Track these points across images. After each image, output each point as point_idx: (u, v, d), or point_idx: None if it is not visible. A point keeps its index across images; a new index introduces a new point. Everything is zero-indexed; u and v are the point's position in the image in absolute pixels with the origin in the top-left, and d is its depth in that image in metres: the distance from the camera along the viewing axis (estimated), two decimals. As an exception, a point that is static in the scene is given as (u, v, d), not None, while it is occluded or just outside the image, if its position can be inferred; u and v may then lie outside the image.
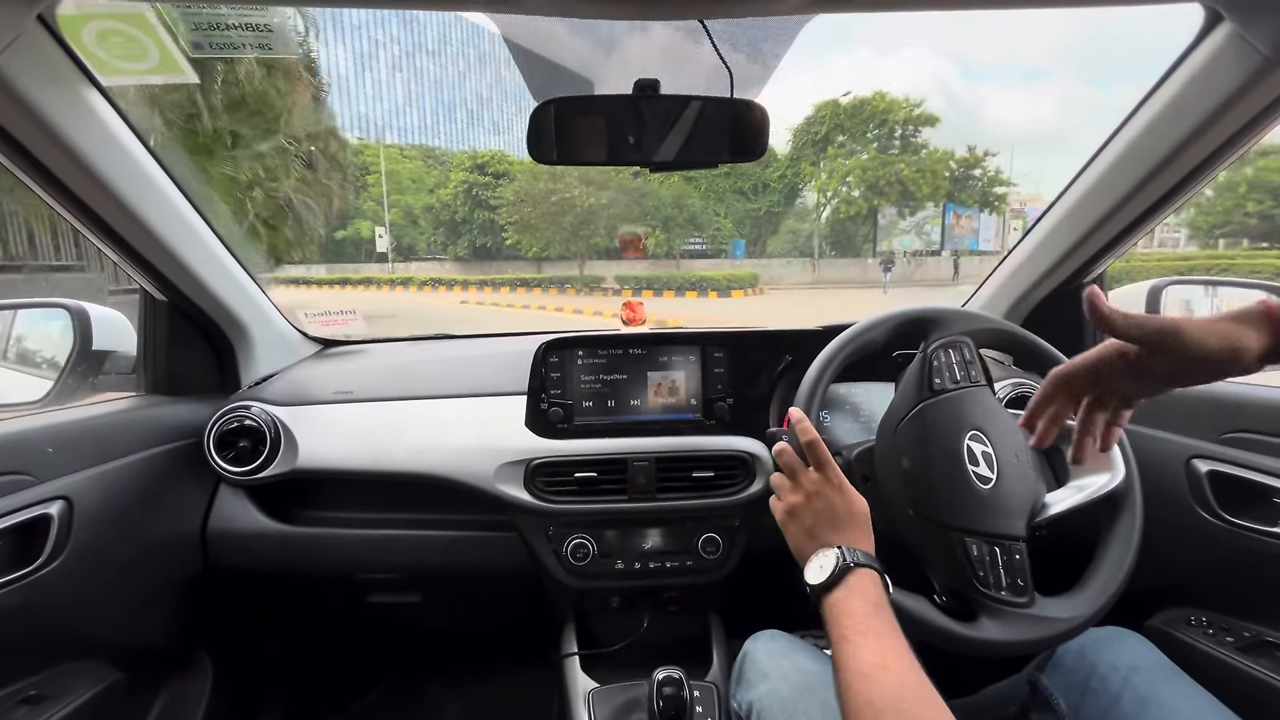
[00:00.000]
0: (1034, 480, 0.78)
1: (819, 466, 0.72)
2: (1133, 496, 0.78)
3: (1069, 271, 1.18)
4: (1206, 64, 0.81)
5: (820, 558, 0.67)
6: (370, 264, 29.72)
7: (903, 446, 0.78)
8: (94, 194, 0.88)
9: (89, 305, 1.17)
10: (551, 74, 1.07)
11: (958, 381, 0.79)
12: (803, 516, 0.71)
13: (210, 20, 0.84)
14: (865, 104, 24.54)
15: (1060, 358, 0.85)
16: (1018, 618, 0.69)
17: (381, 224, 29.66)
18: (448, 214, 26.76)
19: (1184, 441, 0.98)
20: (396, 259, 30.22)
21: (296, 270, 28.43)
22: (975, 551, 0.71)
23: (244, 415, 1.11)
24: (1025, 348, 0.88)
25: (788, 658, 0.83)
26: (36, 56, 0.73)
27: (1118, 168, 0.99)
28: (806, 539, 0.70)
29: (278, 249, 11.05)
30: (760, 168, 24.71)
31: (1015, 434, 0.79)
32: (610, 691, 1.09)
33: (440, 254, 28.88)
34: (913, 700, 0.53)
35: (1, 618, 0.79)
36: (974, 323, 0.85)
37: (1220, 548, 0.93)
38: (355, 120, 62.16)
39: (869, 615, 0.61)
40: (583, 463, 1.12)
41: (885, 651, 0.57)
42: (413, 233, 30.60)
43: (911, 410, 0.79)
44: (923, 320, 0.85)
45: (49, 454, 0.88)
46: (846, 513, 0.70)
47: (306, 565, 1.19)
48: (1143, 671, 0.72)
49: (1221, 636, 0.94)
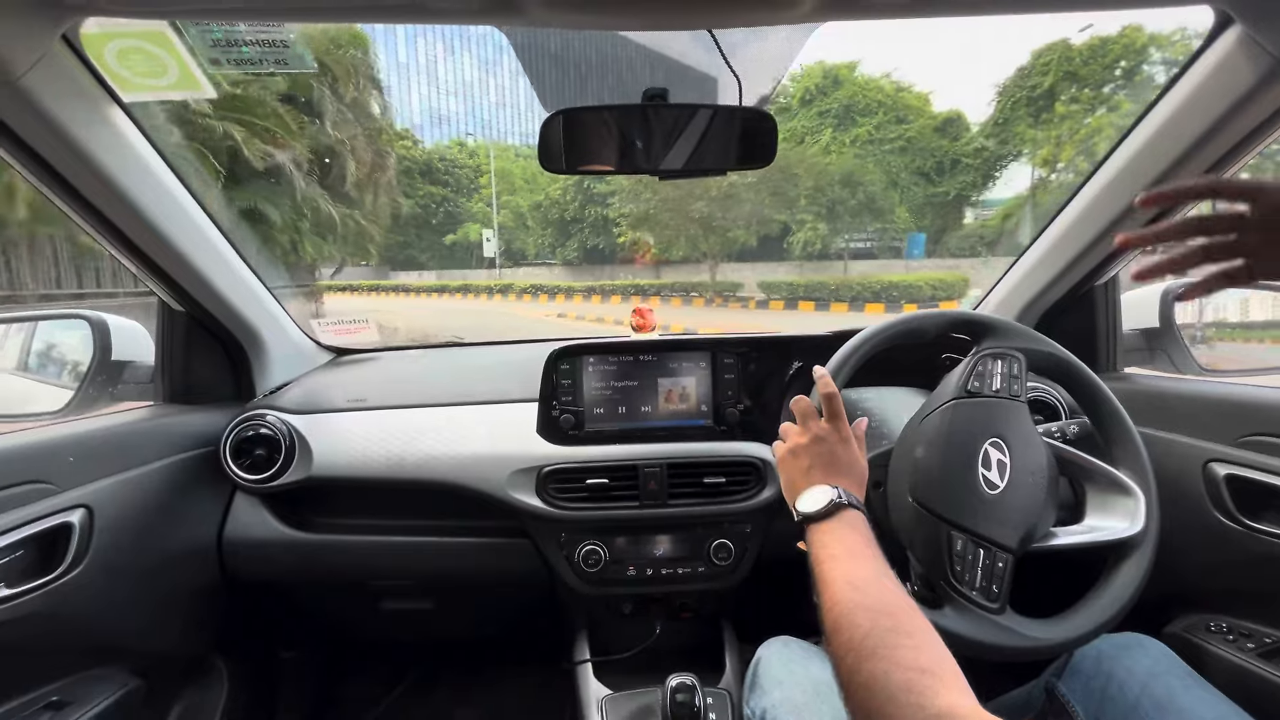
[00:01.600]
0: (1042, 503, 0.75)
1: (831, 418, 0.73)
2: (1144, 550, 0.75)
3: (1081, 275, 1.17)
4: (1217, 66, 0.80)
5: (814, 492, 0.68)
6: (479, 270, 27.01)
7: (922, 437, 0.79)
8: (115, 207, 0.90)
9: (108, 316, 1.20)
10: (562, 84, 1.08)
11: (996, 391, 0.79)
12: (802, 457, 0.73)
13: (228, 38, 0.86)
14: (1109, 43, 16.17)
15: (1109, 396, 0.84)
16: (981, 619, 0.69)
17: (492, 225, 26.86)
18: (556, 212, 23.00)
19: (1200, 445, 0.97)
20: (505, 264, 27.40)
21: (402, 276, 26.72)
22: (959, 547, 0.71)
23: (259, 423, 1.12)
24: (1075, 378, 0.85)
25: (801, 664, 0.83)
26: (61, 75, 0.75)
27: (1130, 170, 0.98)
28: (801, 476, 0.72)
29: (322, 253, 11.19)
30: (948, 140, 18.31)
31: (1039, 456, 0.77)
32: (623, 698, 1.09)
33: (550, 258, 25.55)
34: (902, 613, 0.53)
35: (25, 624, 0.80)
36: (1030, 342, 0.84)
37: (1239, 552, 0.91)
38: (479, 125, 60.45)
39: (858, 542, 0.62)
40: (594, 469, 1.13)
41: (875, 571, 0.58)
42: (522, 236, 27.43)
43: (941, 406, 0.79)
44: (979, 325, 0.84)
45: (70, 463, 0.89)
46: (846, 463, 0.72)
47: (320, 572, 1.20)
48: (1161, 678, 0.72)
49: (1242, 642, 0.93)
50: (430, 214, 28.06)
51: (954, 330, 0.84)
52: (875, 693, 0.46)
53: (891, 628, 0.51)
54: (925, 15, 0.77)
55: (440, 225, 28.60)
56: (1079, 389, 0.86)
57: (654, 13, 0.71)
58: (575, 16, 0.70)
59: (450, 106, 58.11)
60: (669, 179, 0.97)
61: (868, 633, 0.51)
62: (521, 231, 27.30)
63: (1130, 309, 1.24)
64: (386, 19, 0.73)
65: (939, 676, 0.46)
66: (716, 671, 1.14)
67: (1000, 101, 17.58)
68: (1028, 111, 17.20)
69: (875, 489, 0.82)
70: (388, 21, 0.73)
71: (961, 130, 18.45)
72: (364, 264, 32.73)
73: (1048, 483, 0.76)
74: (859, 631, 0.51)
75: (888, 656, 0.48)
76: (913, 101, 19.27)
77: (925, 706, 0.43)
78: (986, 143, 18.08)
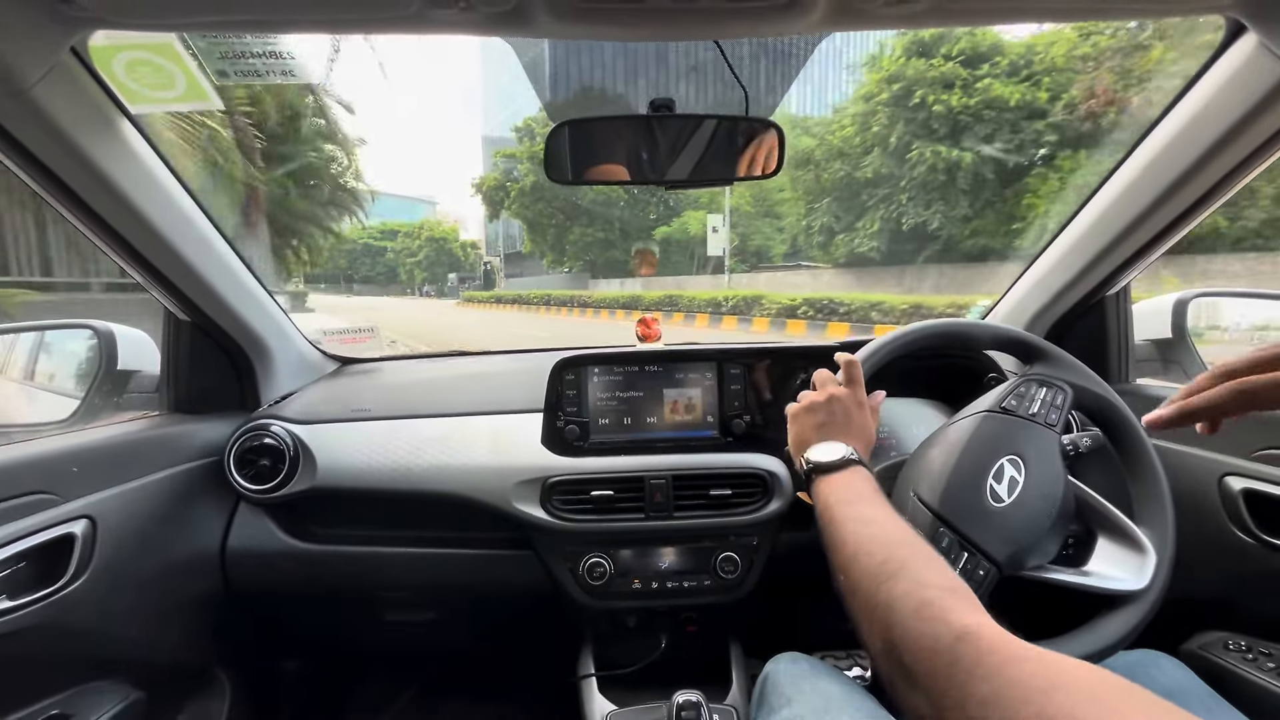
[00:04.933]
0: (1045, 531, 0.72)
1: (850, 383, 0.75)
2: (1140, 605, 0.71)
3: (1092, 285, 1.16)
4: (1230, 75, 0.80)
5: (826, 446, 0.69)
6: (699, 276, 19.57)
7: (942, 440, 0.78)
8: (122, 218, 0.90)
9: (115, 326, 1.20)
10: (569, 94, 1.09)
11: (1032, 415, 0.78)
12: (818, 412, 0.74)
13: (236, 50, 0.87)
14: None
15: (1151, 454, 0.80)
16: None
17: (719, 210, 18.29)
18: (844, 170, 16.09)
19: (1215, 458, 0.96)
20: (740, 267, 19.43)
21: (602, 285, 20.83)
22: (944, 544, 0.70)
23: (263, 434, 1.12)
24: (1122, 430, 0.82)
25: (810, 681, 0.81)
26: (70, 87, 0.75)
27: (1141, 180, 0.97)
28: (813, 430, 0.73)
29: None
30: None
31: (1057, 487, 0.74)
32: (628, 714, 1.07)
33: (819, 258, 18.02)
34: (918, 543, 0.54)
35: (27, 636, 0.80)
36: (1083, 379, 0.82)
37: (1258, 568, 0.89)
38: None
39: (867, 490, 0.63)
40: (599, 481, 1.12)
41: (887, 513, 0.59)
42: (765, 228, 19.46)
43: (970, 415, 0.79)
44: (1035, 348, 0.83)
45: (73, 473, 0.89)
46: (858, 426, 0.73)
47: (324, 583, 1.19)
48: (1180, 697, 0.70)
49: (1262, 661, 0.91)
50: (640, 201, 21.27)
51: (1005, 348, 0.83)
52: (897, 610, 0.46)
53: (909, 554, 0.51)
54: (931, 26, 0.76)
55: (652, 216, 21.98)
56: (1120, 438, 0.83)
57: (661, 24, 0.71)
58: (583, 27, 0.70)
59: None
60: (675, 189, 0.97)
61: (885, 559, 0.51)
62: (764, 222, 19.76)
63: (1142, 319, 1.23)
64: (394, 30, 0.73)
65: (960, 595, 0.46)
66: (723, 687, 1.13)
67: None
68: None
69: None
70: (395, 32, 0.73)
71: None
72: (564, 270, 29.20)
73: (1057, 514, 0.73)
74: (876, 559, 0.52)
75: (909, 577, 0.48)
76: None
77: (951, 622, 0.43)
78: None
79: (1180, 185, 0.92)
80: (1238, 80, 0.79)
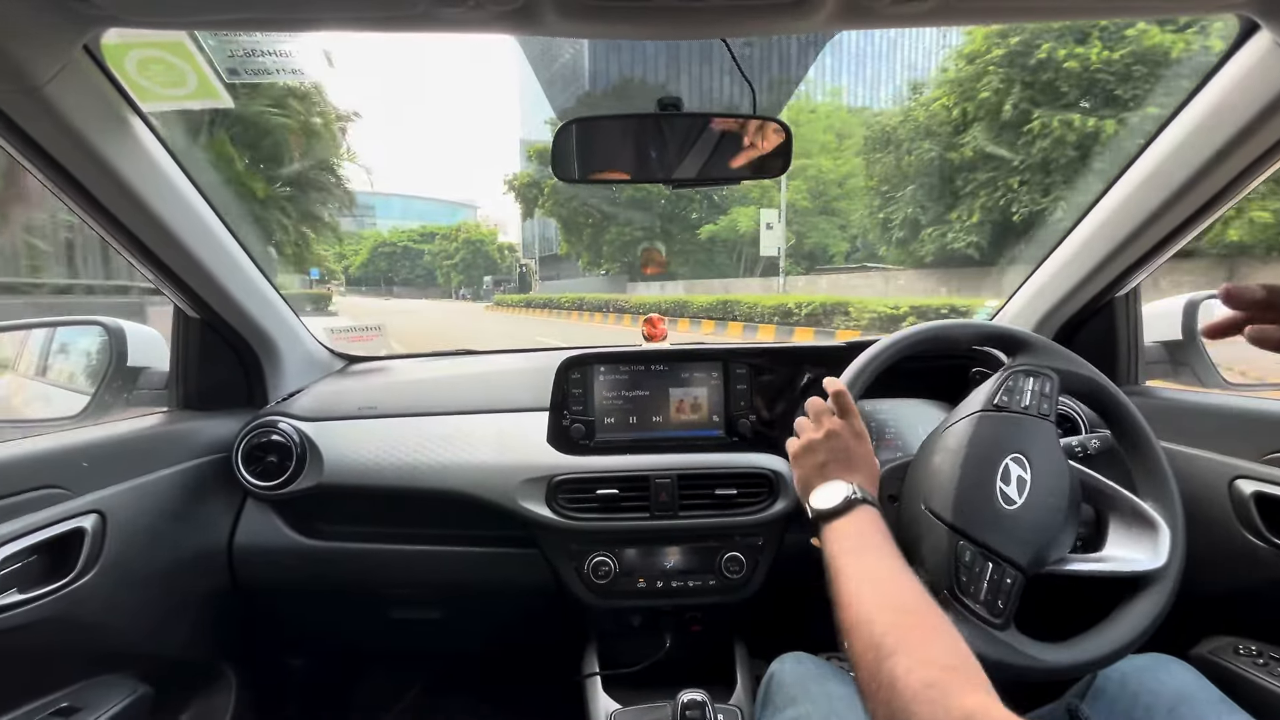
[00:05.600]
0: (1060, 525, 0.72)
1: (843, 414, 0.74)
2: (1163, 584, 0.72)
3: (1101, 285, 1.15)
4: (1243, 73, 0.79)
5: (828, 488, 0.68)
6: (750, 279, 17.60)
7: (942, 446, 0.77)
8: (133, 216, 0.91)
9: (125, 323, 1.21)
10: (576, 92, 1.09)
11: (1025, 408, 0.77)
12: (817, 452, 0.73)
13: (246, 48, 0.87)
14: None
15: (1144, 426, 0.81)
16: (979, 631, 0.66)
17: (773, 205, 15.99)
18: (933, 151, 13.75)
19: (1225, 461, 0.95)
20: (795, 269, 16.83)
21: (641, 289, 17.49)
22: (968, 558, 0.68)
23: (271, 430, 1.12)
24: (1109, 405, 0.82)
25: (815, 681, 0.81)
26: (82, 85, 0.76)
27: (1152, 180, 0.96)
28: (815, 472, 0.72)
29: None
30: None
31: (1061, 478, 0.74)
32: (632, 713, 1.07)
33: (893, 258, 15.31)
34: (922, 610, 0.53)
35: (37, 629, 0.81)
36: (1067, 362, 0.82)
37: (1268, 572, 0.89)
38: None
39: (874, 538, 0.62)
40: (605, 479, 1.12)
41: (892, 567, 0.58)
42: (823, 225, 16.77)
43: (965, 417, 0.78)
44: (1014, 340, 0.83)
45: (84, 468, 0.90)
46: (860, 457, 0.72)
47: (330, 580, 1.20)
48: (1191, 702, 0.69)
49: (1273, 666, 0.90)
50: (683, 198, 19.03)
51: (987, 343, 0.83)
52: (898, 691, 0.45)
53: (913, 625, 0.50)
54: (941, 24, 0.76)
55: (694, 216, 19.72)
56: (1112, 415, 0.83)
57: (669, 22, 0.71)
58: (591, 26, 0.70)
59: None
60: (682, 188, 0.97)
61: (887, 630, 0.50)
62: (821, 219, 16.86)
63: (1152, 321, 1.21)
64: (403, 29, 0.73)
65: (963, 674, 0.46)
66: (728, 687, 1.13)
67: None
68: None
69: (890, 502, 0.81)
70: (404, 31, 0.74)
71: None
72: (600, 272, 27.03)
73: (1068, 505, 0.73)
74: (878, 629, 0.50)
75: (909, 654, 0.47)
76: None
77: (950, 706, 0.42)
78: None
79: (1192, 185, 0.91)
80: (1251, 79, 0.78)
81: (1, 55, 0.66)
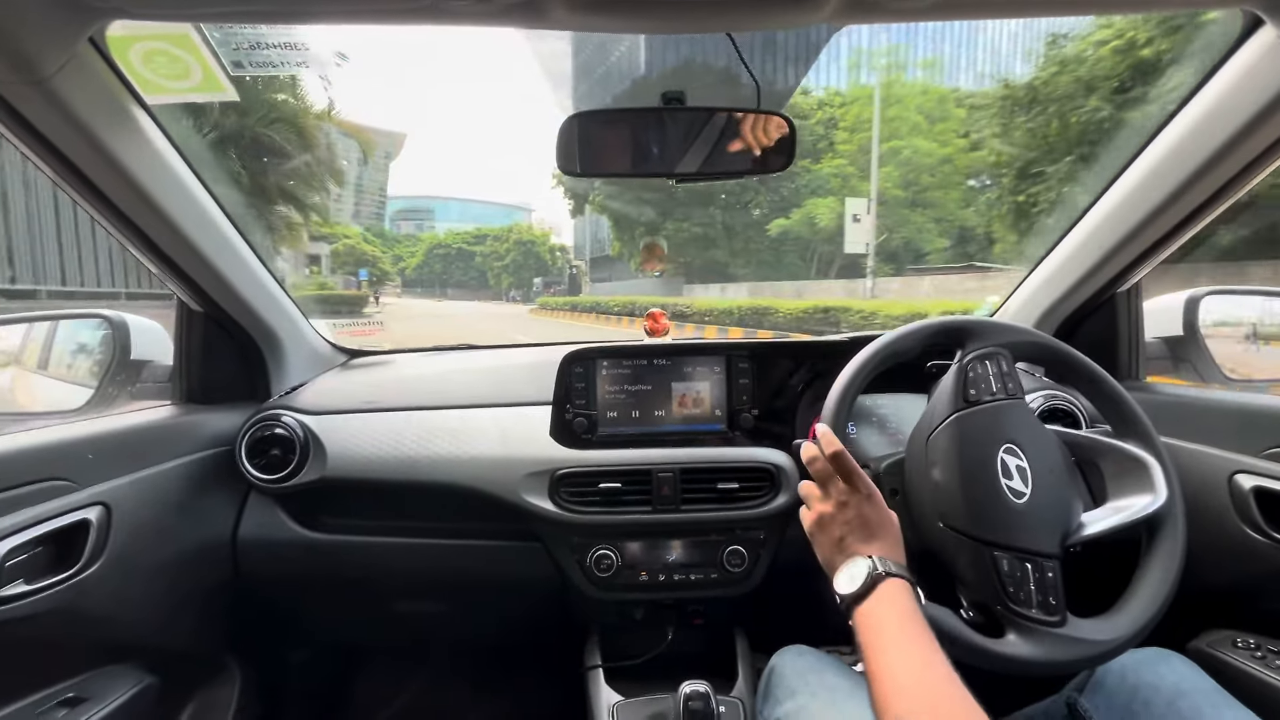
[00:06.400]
0: (1069, 498, 0.76)
1: (847, 477, 0.71)
2: (1174, 519, 0.75)
3: (1103, 281, 1.15)
4: (1247, 69, 0.79)
5: (851, 567, 0.66)
6: (827, 282, 15.03)
7: (934, 458, 0.77)
8: (137, 208, 0.91)
9: (128, 315, 1.21)
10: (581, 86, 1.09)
11: (994, 394, 0.78)
12: (831, 527, 0.71)
13: (251, 40, 0.87)
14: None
15: (1100, 372, 0.84)
16: (1047, 636, 0.67)
17: (860, 194, 13.64)
18: (1106, 109, 8.94)
19: (1226, 456, 0.95)
20: (886, 269, 13.95)
21: (699, 291, 15.14)
22: (1006, 567, 0.69)
23: (275, 424, 1.13)
24: (1064, 362, 0.86)
25: (816, 674, 0.82)
26: (87, 77, 0.76)
27: (1153, 175, 0.97)
28: (836, 550, 0.70)
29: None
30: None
31: (1051, 449, 0.77)
32: (635, 705, 1.08)
33: (1013, 252, 12.14)
34: (948, 712, 0.52)
35: (43, 620, 0.81)
36: (1012, 335, 0.83)
37: (1267, 567, 0.89)
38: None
39: (901, 625, 0.60)
40: (607, 473, 1.12)
41: (920, 662, 0.57)
42: (917, 218, 14.00)
43: (944, 421, 0.78)
44: (959, 330, 0.83)
45: (89, 461, 0.90)
46: (877, 523, 0.69)
47: (333, 573, 1.20)
48: (1189, 695, 0.70)
49: (1271, 659, 0.90)
50: (748, 188, 17.48)
51: (935, 342, 0.83)
52: None
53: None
54: (947, 18, 0.76)
55: (756, 212, 17.74)
56: (1068, 370, 0.86)
57: (674, 16, 0.71)
58: (596, 19, 0.70)
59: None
60: (686, 182, 0.97)
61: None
62: (914, 213, 14.30)
63: (1153, 316, 1.22)
64: (409, 21, 0.73)
65: None
66: (729, 679, 1.13)
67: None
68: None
69: (893, 496, 0.81)
70: (410, 23, 0.73)
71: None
72: (658, 274, 23.99)
73: (1068, 473, 0.76)
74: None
75: None
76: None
77: None
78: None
79: (1195, 180, 0.92)
80: (1255, 74, 0.78)
81: (8, 48, 0.66)
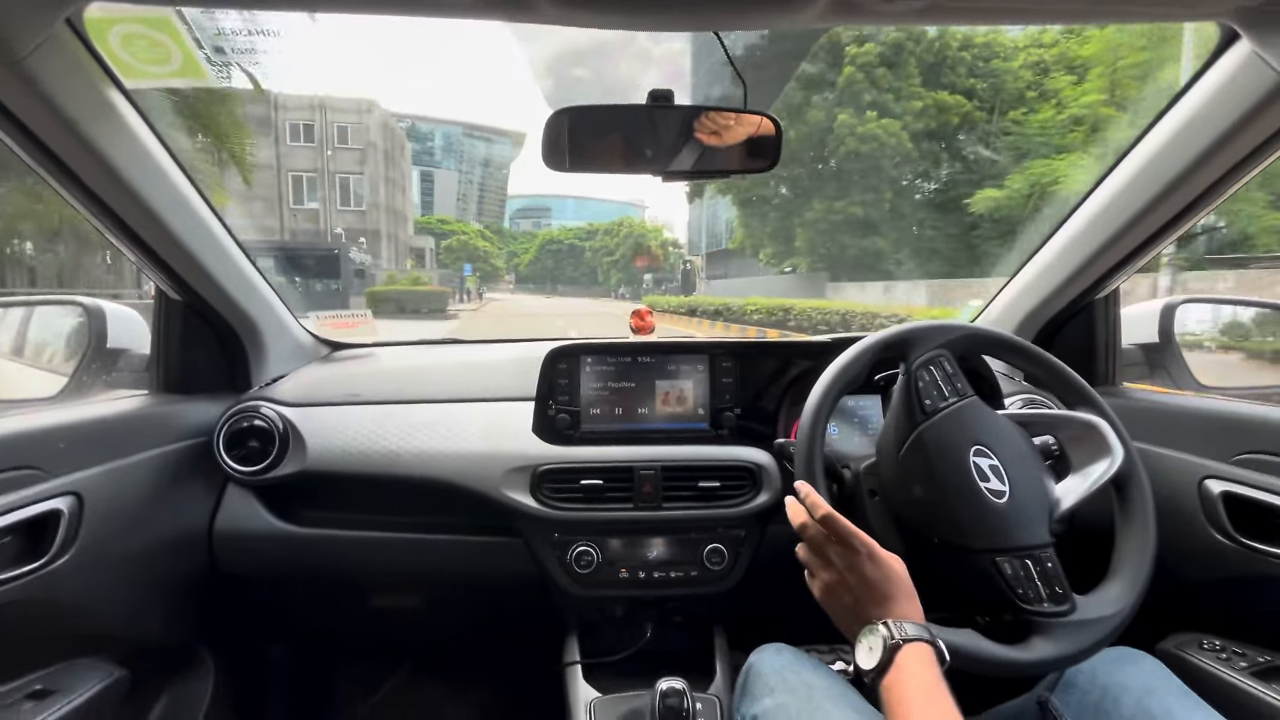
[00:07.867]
0: (1044, 482, 0.78)
1: (842, 540, 0.70)
2: (1137, 475, 0.79)
3: (1081, 288, 1.17)
4: (1222, 82, 0.81)
5: (868, 638, 0.65)
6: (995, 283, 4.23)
7: (911, 474, 0.78)
8: (114, 194, 0.89)
9: (105, 303, 1.19)
10: (568, 82, 1.08)
11: (947, 398, 0.79)
12: (841, 595, 0.70)
13: (234, 26, 0.86)
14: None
15: (1032, 347, 0.88)
16: (1065, 628, 0.69)
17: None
18: None
19: (1196, 461, 0.97)
20: (1181, 259, 8.87)
21: (847, 290, 12.88)
22: (1009, 570, 0.71)
23: (254, 415, 1.11)
24: (997, 344, 0.88)
25: (794, 671, 0.82)
26: (63, 59, 0.74)
27: (1131, 185, 0.98)
28: (851, 619, 0.69)
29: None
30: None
31: (1016, 440, 0.79)
32: (612, 701, 1.08)
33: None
34: None
35: (10, 611, 0.80)
36: (947, 334, 0.85)
37: (1234, 570, 0.91)
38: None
39: (923, 701, 0.60)
40: (589, 470, 1.12)
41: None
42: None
43: (910, 436, 0.79)
44: (897, 343, 0.84)
45: (61, 449, 0.88)
46: (885, 581, 0.68)
47: (311, 566, 1.19)
48: (1157, 695, 0.71)
49: (1235, 661, 0.92)
50: (925, 159, 14.10)
51: (883, 357, 0.84)
52: None
53: None
54: (933, 23, 0.77)
55: (951, 192, 14.34)
56: (1005, 353, 0.89)
57: (662, 14, 0.71)
58: (584, 15, 0.70)
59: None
60: (672, 180, 0.97)
61: None
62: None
63: (1130, 324, 1.24)
64: (393, 11, 0.72)
65: None
66: (707, 676, 1.14)
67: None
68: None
69: (872, 498, 0.82)
70: (396, 13, 0.73)
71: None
72: (787, 269, 20.01)
73: (1033, 456, 0.79)
74: None
75: None
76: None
77: None
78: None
79: (1172, 190, 0.93)
80: (1231, 86, 0.80)
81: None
